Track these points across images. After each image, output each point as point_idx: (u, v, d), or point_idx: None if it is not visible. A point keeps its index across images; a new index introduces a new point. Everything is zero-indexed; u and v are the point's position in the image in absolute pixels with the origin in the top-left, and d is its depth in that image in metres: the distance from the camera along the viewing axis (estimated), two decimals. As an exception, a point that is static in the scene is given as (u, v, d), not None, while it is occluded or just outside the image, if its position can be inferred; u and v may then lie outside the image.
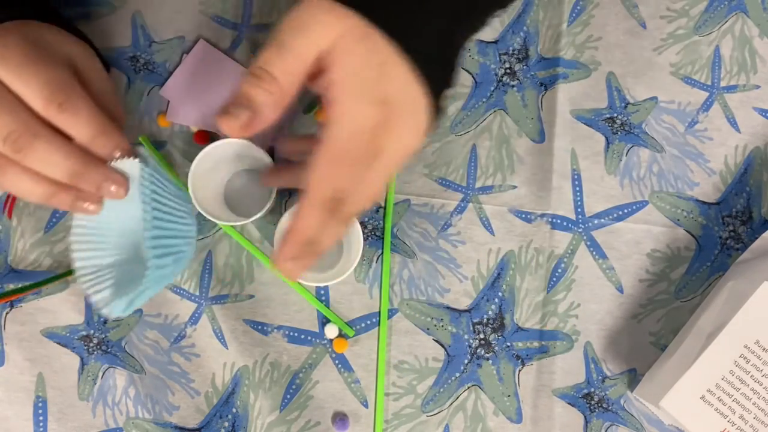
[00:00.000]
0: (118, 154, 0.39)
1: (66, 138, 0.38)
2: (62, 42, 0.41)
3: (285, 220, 0.50)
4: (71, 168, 0.37)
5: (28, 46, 0.37)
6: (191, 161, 0.50)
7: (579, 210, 0.57)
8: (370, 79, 0.35)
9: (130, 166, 0.41)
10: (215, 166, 0.53)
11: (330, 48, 0.34)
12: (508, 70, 0.59)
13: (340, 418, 0.54)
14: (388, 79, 0.35)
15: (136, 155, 0.40)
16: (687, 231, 0.58)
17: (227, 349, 0.55)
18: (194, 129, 0.57)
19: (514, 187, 0.57)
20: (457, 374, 0.55)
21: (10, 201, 0.55)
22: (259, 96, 0.35)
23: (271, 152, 0.55)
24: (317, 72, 0.36)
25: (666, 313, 0.57)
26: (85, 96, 0.38)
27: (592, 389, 0.56)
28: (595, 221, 0.57)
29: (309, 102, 0.58)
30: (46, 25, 0.42)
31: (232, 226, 0.55)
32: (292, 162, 0.40)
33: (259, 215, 0.51)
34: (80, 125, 0.37)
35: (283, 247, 0.38)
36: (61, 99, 0.36)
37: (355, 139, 0.35)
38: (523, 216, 0.57)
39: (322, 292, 0.56)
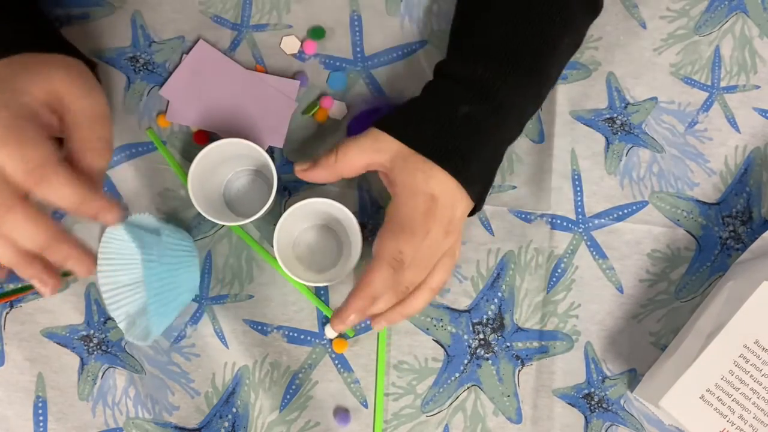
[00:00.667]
0: (109, 216, 0.40)
1: (41, 211, 0.39)
2: (40, 75, 0.41)
3: (284, 219, 0.50)
4: (40, 241, 0.39)
5: (9, 115, 0.38)
6: (191, 161, 0.50)
7: (579, 210, 0.57)
8: (419, 183, 0.46)
9: (120, 231, 0.47)
10: (215, 167, 0.53)
11: (389, 159, 0.47)
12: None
13: (341, 412, 0.54)
14: (434, 181, 0.46)
15: (123, 215, 0.42)
16: (687, 231, 0.58)
17: (228, 348, 0.55)
18: (194, 129, 0.57)
19: (514, 187, 0.57)
20: (457, 374, 0.55)
21: None
22: (323, 171, 0.49)
23: (270, 152, 0.55)
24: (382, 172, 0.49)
25: (666, 313, 0.57)
26: (64, 170, 0.38)
27: (593, 389, 0.56)
28: (595, 221, 0.57)
29: (308, 103, 0.58)
30: (20, 60, 0.42)
31: (229, 226, 0.55)
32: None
33: (258, 215, 0.51)
34: (60, 198, 0.39)
35: (352, 300, 0.46)
36: (38, 176, 0.38)
37: (410, 219, 0.46)
38: (523, 216, 0.57)
39: (322, 292, 0.56)
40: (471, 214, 0.50)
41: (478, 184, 0.49)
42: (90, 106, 0.42)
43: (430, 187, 0.46)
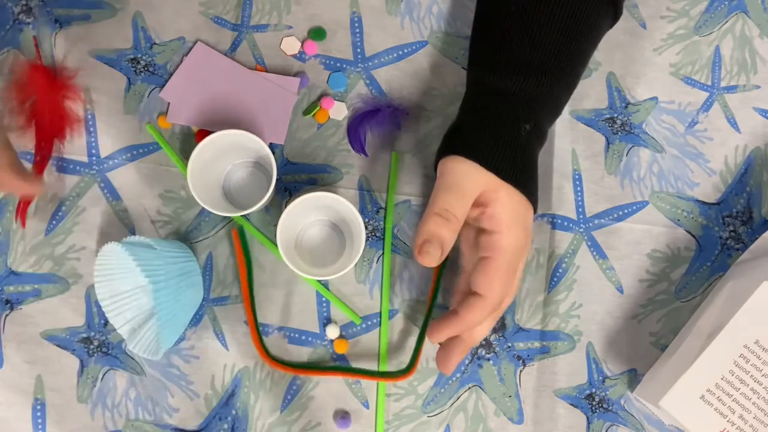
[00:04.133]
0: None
1: None
2: None
3: (287, 214, 0.50)
4: None
5: None
6: (191, 161, 0.51)
7: (580, 210, 0.57)
8: (522, 214, 0.47)
9: (118, 248, 0.48)
10: (214, 159, 0.53)
11: (487, 192, 0.46)
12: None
13: (341, 415, 0.54)
14: (528, 212, 0.48)
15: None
16: (687, 231, 0.58)
17: (228, 350, 0.54)
18: (195, 129, 0.57)
19: (515, 187, 0.57)
20: (458, 375, 0.55)
21: (22, 207, 0.54)
22: (447, 234, 0.45)
23: (269, 146, 0.55)
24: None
25: (666, 314, 0.57)
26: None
27: (594, 390, 0.56)
28: (596, 221, 0.57)
29: (309, 104, 0.58)
30: None
31: (231, 217, 0.55)
32: (448, 313, 0.48)
33: (258, 206, 0.51)
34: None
35: (445, 328, 0.47)
36: None
37: (515, 256, 0.47)
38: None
39: (323, 284, 0.56)
40: None
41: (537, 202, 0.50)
42: None
43: (527, 221, 0.47)
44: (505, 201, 0.46)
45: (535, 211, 0.49)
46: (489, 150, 0.47)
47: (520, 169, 0.47)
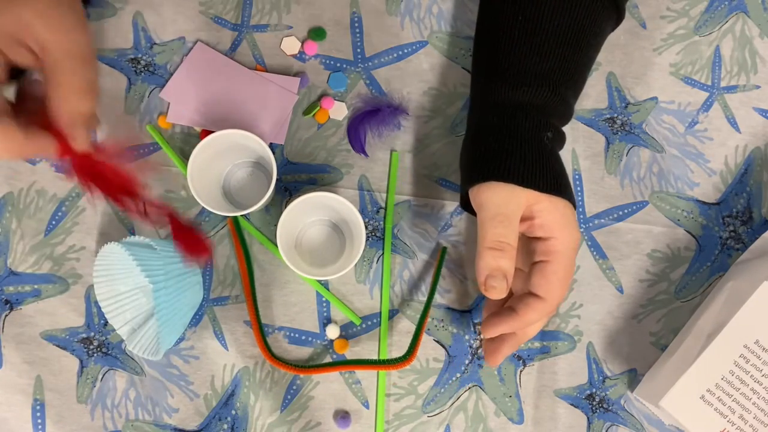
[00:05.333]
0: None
1: None
2: (3, 2, 0.38)
3: (287, 213, 0.50)
4: None
5: None
6: (191, 162, 0.50)
7: (580, 210, 0.57)
8: (570, 215, 0.47)
9: (117, 248, 0.48)
10: (214, 158, 0.53)
11: (530, 206, 0.47)
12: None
13: (341, 415, 0.54)
14: (572, 211, 0.48)
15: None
16: (687, 231, 0.58)
17: (227, 350, 0.54)
18: (198, 129, 0.57)
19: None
20: (458, 374, 0.55)
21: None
22: (507, 264, 0.46)
23: (271, 150, 0.55)
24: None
25: (666, 314, 0.57)
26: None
27: (594, 390, 0.56)
28: (596, 221, 0.57)
29: (309, 104, 0.58)
30: None
31: (231, 216, 0.55)
32: (504, 310, 0.48)
33: (258, 206, 0.51)
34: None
35: (501, 324, 0.47)
36: None
37: (571, 256, 0.47)
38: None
39: (322, 284, 0.56)
40: None
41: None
42: (69, 43, 0.39)
43: (574, 219, 0.48)
44: (550, 208, 0.47)
45: (574, 206, 0.49)
46: (522, 169, 0.47)
47: (554, 177, 0.47)
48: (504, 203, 0.46)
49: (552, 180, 0.47)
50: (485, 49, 0.52)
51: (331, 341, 0.55)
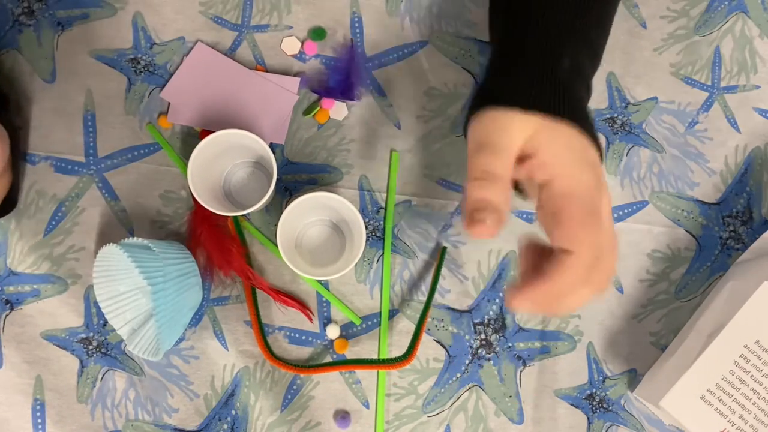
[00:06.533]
0: None
1: None
2: None
3: (287, 213, 0.50)
4: None
5: None
6: (192, 162, 0.50)
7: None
8: (579, 150, 0.40)
9: (116, 249, 0.48)
10: (214, 158, 0.53)
11: (529, 139, 0.39)
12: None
13: (341, 415, 0.54)
14: (588, 148, 0.40)
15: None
16: (687, 231, 0.58)
17: (228, 350, 0.54)
18: (198, 129, 0.57)
19: (515, 187, 0.57)
20: (458, 375, 0.55)
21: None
22: (496, 197, 0.38)
23: (270, 145, 0.55)
24: (518, 161, 0.41)
25: (666, 314, 0.57)
26: None
27: (594, 390, 0.56)
28: (596, 221, 0.57)
29: (309, 104, 0.58)
30: None
31: (231, 216, 0.55)
32: (533, 279, 0.40)
33: (259, 205, 0.51)
34: None
35: (529, 291, 0.38)
36: None
37: (587, 198, 0.39)
38: (524, 216, 0.57)
39: (323, 284, 0.56)
40: None
41: (597, 135, 0.43)
42: None
43: (590, 156, 0.40)
44: (551, 141, 0.39)
45: (596, 145, 0.41)
46: (521, 89, 0.40)
47: (562, 101, 0.40)
48: (491, 131, 0.40)
49: (557, 102, 0.39)
50: (498, 29, 0.48)
51: (331, 341, 0.55)
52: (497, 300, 0.56)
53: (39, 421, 0.53)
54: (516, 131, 0.39)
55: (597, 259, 0.38)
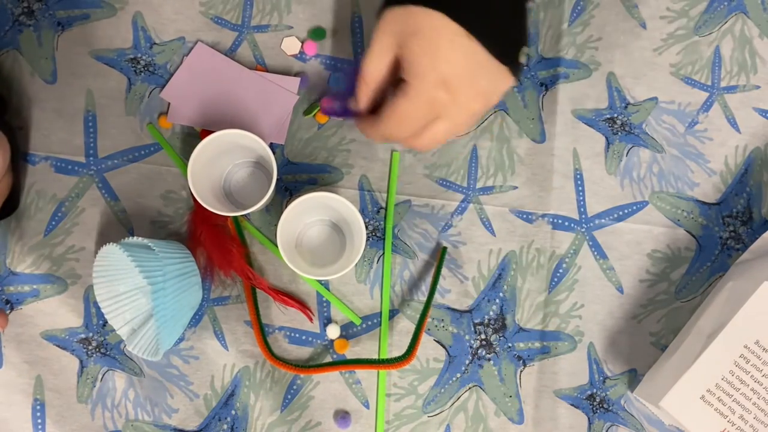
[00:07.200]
0: None
1: None
2: None
3: (288, 213, 0.50)
4: None
5: None
6: (192, 161, 0.50)
7: (582, 210, 0.57)
8: (427, 65, 0.42)
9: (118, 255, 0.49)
10: (214, 158, 0.53)
11: (400, 44, 0.43)
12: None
13: (341, 415, 0.54)
14: (447, 61, 0.42)
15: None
16: (687, 231, 0.58)
17: (228, 350, 0.54)
18: (198, 129, 0.57)
19: (515, 187, 0.57)
20: (458, 375, 0.55)
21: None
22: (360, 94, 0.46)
23: (270, 145, 0.55)
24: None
25: (666, 314, 0.57)
26: None
27: (595, 390, 0.56)
28: (597, 221, 0.57)
29: (309, 104, 0.58)
30: None
31: (231, 216, 0.55)
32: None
33: (259, 206, 0.51)
34: None
35: (377, 119, 0.45)
36: None
37: (414, 108, 0.43)
38: (524, 216, 0.57)
39: (323, 284, 0.56)
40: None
41: (505, 38, 0.44)
42: None
43: (440, 72, 0.42)
44: (410, 34, 0.42)
45: (493, 47, 0.43)
46: None
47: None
48: (375, 33, 0.44)
49: None
50: None
51: (332, 341, 0.55)
52: (497, 300, 0.56)
53: (39, 421, 0.53)
54: (386, 26, 0.43)
55: (437, 89, 0.42)
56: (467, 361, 0.55)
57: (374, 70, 0.45)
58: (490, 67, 0.44)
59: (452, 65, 0.42)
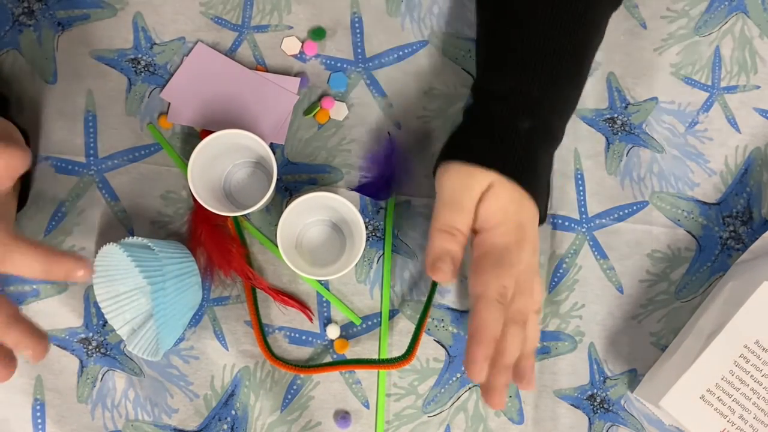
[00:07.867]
0: (80, 273, 0.40)
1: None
2: None
3: (288, 213, 0.50)
4: None
5: None
6: (191, 161, 0.50)
7: (582, 210, 0.57)
8: (513, 212, 0.47)
9: (116, 249, 0.48)
10: (214, 158, 0.53)
11: (482, 191, 0.46)
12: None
13: (341, 415, 0.54)
14: (524, 209, 0.47)
15: (91, 272, 0.41)
16: (687, 231, 0.58)
17: (228, 350, 0.54)
18: (198, 129, 0.57)
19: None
20: (459, 375, 0.55)
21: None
22: (456, 249, 0.46)
23: (270, 145, 0.55)
24: None
25: (666, 314, 0.57)
26: (22, 243, 0.38)
27: (595, 390, 0.56)
28: (597, 221, 0.57)
29: (309, 104, 0.58)
30: None
31: (231, 216, 0.55)
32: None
33: (259, 206, 0.51)
34: (25, 272, 0.39)
35: (475, 349, 0.43)
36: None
37: (503, 250, 0.46)
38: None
39: (322, 284, 0.56)
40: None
41: (545, 197, 0.50)
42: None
43: (520, 214, 0.47)
44: (493, 198, 0.46)
45: (540, 208, 0.48)
46: (478, 147, 0.47)
47: (514, 160, 0.46)
48: (457, 188, 0.47)
49: (509, 162, 0.46)
50: (480, 45, 0.53)
51: (332, 341, 0.55)
52: (497, 300, 0.56)
53: (39, 421, 0.53)
54: (476, 187, 0.46)
55: (503, 297, 0.45)
56: (467, 361, 0.55)
57: (470, 219, 0.47)
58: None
59: (526, 215, 0.48)
